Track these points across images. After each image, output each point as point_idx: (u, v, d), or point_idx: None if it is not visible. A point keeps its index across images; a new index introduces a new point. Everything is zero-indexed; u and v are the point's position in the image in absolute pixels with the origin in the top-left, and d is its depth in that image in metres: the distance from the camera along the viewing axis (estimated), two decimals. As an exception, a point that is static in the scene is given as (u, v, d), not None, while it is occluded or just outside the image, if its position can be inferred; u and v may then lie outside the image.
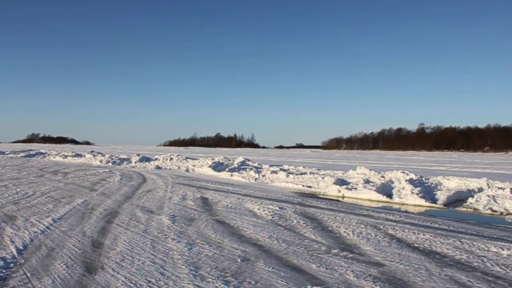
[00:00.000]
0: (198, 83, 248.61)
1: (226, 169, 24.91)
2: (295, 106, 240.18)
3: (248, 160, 29.66)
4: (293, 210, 11.00)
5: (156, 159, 34.25)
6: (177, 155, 34.34)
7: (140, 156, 34.54)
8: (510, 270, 5.96)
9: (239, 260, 6.11)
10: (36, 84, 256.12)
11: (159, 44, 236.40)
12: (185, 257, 6.21)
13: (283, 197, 13.79)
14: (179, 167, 27.91)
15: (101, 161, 33.98)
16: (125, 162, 32.47)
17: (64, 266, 5.72)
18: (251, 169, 24.77)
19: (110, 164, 32.10)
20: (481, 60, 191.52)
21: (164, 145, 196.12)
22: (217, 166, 26.31)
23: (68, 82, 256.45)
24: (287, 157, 58.72)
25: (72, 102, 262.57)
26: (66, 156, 42.17)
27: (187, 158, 33.69)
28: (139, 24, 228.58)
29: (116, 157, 35.51)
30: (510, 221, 10.67)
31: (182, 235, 7.74)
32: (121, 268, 5.65)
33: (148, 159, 33.82)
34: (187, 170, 25.78)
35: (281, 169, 24.54)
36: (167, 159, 32.58)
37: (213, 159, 29.66)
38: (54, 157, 42.45)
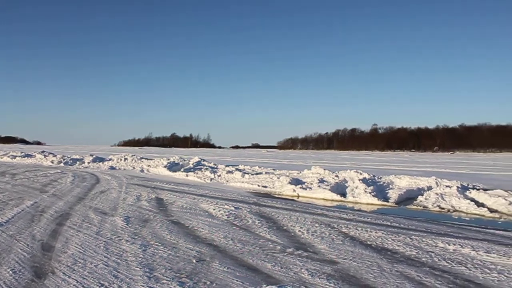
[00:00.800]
0: (153, 83, 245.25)
1: (182, 169, 24.72)
2: (251, 106, 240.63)
3: (204, 160, 29.53)
4: (248, 210, 11.04)
5: (110, 159, 33.57)
6: (132, 155, 33.80)
7: (94, 156, 33.79)
8: (455, 264, 6.20)
9: (194, 261, 6.09)
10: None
11: (113, 43, 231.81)
12: (140, 259, 6.13)
13: (239, 197, 13.81)
14: (134, 168, 27.49)
15: (52, 162, 33.03)
16: (77, 162, 31.69)
17: (10, 272, 5.52)
18: (206, 169, 24.67)
19: (62, 164, 31.25)
20: (430, 62, 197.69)
21: (118, 145, 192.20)
22: (173, 166, 26.07)
23: (16, 79, 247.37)
24: (243, 157, 58.80)
25: (21, 100, 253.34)
26: (14, 157, 40.68)
27: (142, 158, 33.21)
28: (86, 22, 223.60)
29: (68, 157, 34.57)
30: (456, 217, 11.09)
31: (137, 237, 7.63)
32: (73, 272, 5.51)
33: (102, 160, 33.13)
34: (142, 171, 25.42)
35: (236, 169, 24.57)
36: (121, 159, 32.01)
37: (168, 159, 29.35)
38: (1, 158, 40.89)
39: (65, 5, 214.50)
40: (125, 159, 32.18)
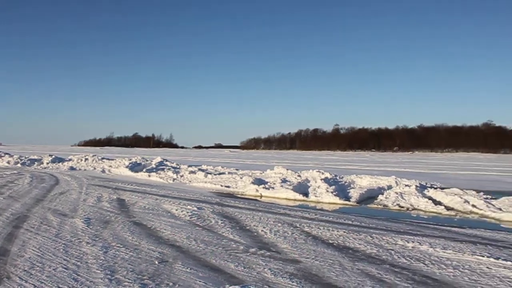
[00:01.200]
0: (115, 81, 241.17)
1: (144, 170, 24.44)
2: (214, 106, 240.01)
3: (166, 161, 29.28)
4: (211, 210, 11.02)
5: (70, 159, 32.84)
6: (93, 156, 33.15)
7: (53, 156, 32.93)
8: (414, 261, 6.37)
9: (156, 262, 6.03)
10: None
11: (77, 41, 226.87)
12: (100, 261, 6.03)
13: (202, 197, 13.76)
14: (95, 168, 26.98)
15: (8, 162, 31.98)
16: (36, 163, 30.80)
17: (-34, 276, 5.34)
18: (169, 169, 24.48)
19: (19, 165, 30.31)
20: (390, 64, 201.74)
21: (79, 145, 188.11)
22: (135, 167, 25.73)
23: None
24: (206, 157, 58.63)
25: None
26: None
27: (103, 158, 32.62)
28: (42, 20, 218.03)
29: (26, 157, 33.53)
30: (415, 215, 11.39)
31: (97, 238, 7.50)
32: (30, 276, 5.37)
33: (61, 160, 32.35)
34: (103, 171, 24.97)
35: (199, 169, 24.46)
36: (81, 160, 31.36)
37: (130, 160, 28.97)
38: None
39: None
40: (86, 159, 31.55)
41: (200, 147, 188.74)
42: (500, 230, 9.40)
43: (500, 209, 11.69)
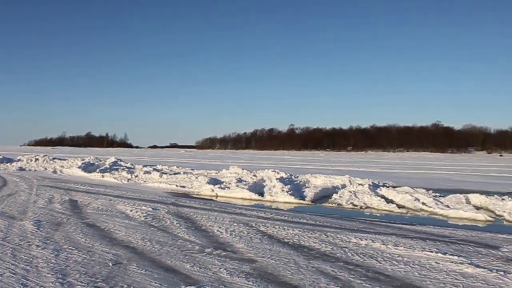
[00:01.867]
0: (66, 79, 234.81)
1: (97, 170, 23.91)
2: (170, 105, 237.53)
3: (121, 161, 28.76)
4: (166, 210, 10.92)
5: (19, 160, 31.72)
6: (43, 156, 32.18)
7: (1, 157, 31.75)
8: (367, 258, 6.52)
9: (110, 264, 5.92)
10: None
11: (25, 39, 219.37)
12: (52, 265, 5.86)
13: (157, 198, 13.61)
14: (46, 168, 26.19)
15: (-48, 163, 30.64)
16: (-19, 163, 29.61)
17: None
18: (123, 169, 24.07)
19: (-37, 166, 29.05)
20: (343, 65, 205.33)
21: (29, 145, 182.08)
22: (88, 167, 25.14)
23: None
24: (161, 157, 58.02)
25: None
26: None
27: (54, 158, 31.75)
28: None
29: (-30, 158, 32.22)
30: (368, 214, 11.66)
31: (48, 241, 7.29)
32: (-23, 280, 5.17)
33: (9, 160, 31.22)
34: (55, 172, 24.27)
35: (154, 169, 24.17)
36: (31, 160, 30.37)
37: (83, 160, 28.28)
38: None
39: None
40: (36, 159, 30.58)
41: (155, 147, 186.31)
42: (448, 226, 9.77)
43: (447, 206, 12.13)
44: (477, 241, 7.96)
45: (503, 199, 12.67)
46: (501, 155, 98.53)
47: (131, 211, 10.65)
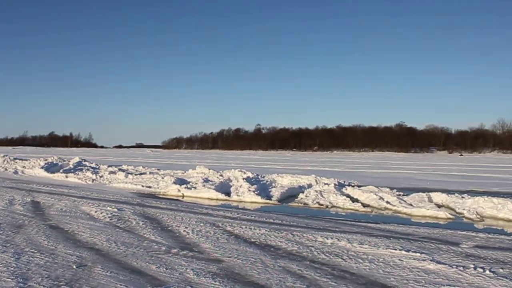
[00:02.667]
0: (29, 77, 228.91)
1: (61, 170, 23.40)
2: (135, 105, 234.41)
3: (85, 161, 28.21)
4: (132, 211, 10.79)
5: (-24, 160, 30.75)
6: (4, 156, 31.26)
7: (-43, 157, 30.71)
8: (333, 256, 6.61)
9: (74, 267, 5.81)
10: None
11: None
12: (12, 269, 5.69)
13: (122, 198, 13.43)
14: (6, 169, 25.46)
15: None
16: None
17: None
18: (88, 169, 23.62)
19: None
20: (309, 65, 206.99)
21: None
22: (51, 167, 24.56)
23: None
24: (127, 157, 57.29)
25: None
26: None
27: (15, 158, 30.87)
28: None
29: None
30: (334, 213, 11.82)
31: (9, 244, 7.09)
32: None
33: (-34, 161, 30.22)
34: (16, 172, 23.63)
35: (120, 170, 23.84)
36: (-10, 161, 29.47)
37: (46, 160, 27.57)
38: None
39: None
40: (-5, 160, 29.70)
41: (120, 146, 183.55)
42: (411, 224, 9.99)
43: (411, 204, 12.41)
44: (438, 238, 8.17)
45: (463, 197, 13.04)
46: (461, 155, 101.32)
47: (95, 212, 10.48)
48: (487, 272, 5.79)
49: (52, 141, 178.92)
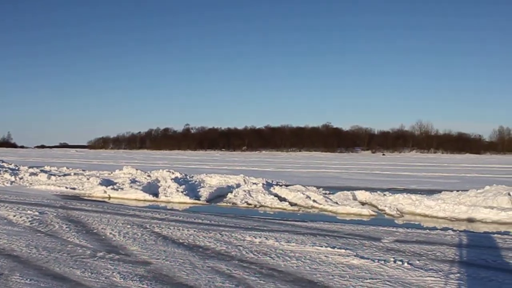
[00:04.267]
0: None
1: (-25, 173, 22.04)
2: (59, 103, 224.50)
3: (3, 161, 26.76)
4: (55, 214, 10.36)
5: None
6: None
7: None
8: (261, 255, 6.71)
9: (-10, 275, 5.50)
10: None
11: None
12: None
13: (44, 201, 12.87)
14: None
15: None
16: None
17: None
18: (6, 171, 22.41)
19: None
20: (239, 66, 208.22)
21: None
22: (-37, 170, 23.08)
23: None
24: (50, 158, 54.98)
25: None
26: None
27: None
28: None
29: None
30: (262, 212, 11.98)
31: None
32: None
33: None
34: None
35: (42, 171, 22.80)
36: None
37: (-43, 162, 25.92)
38: None
39: None
40: None
41: (43, 146, 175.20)
42: (337, 222, 10.33)
43: (336, 203, 12.82)
44: (362, 234, 8.51)
45: (384, 195, 13.65)
46: (383, 154, 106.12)
47: (14, 216, 9.94)
48: (405, 264, 6.13)
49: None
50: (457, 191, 13.42)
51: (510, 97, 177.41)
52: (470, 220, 10.79)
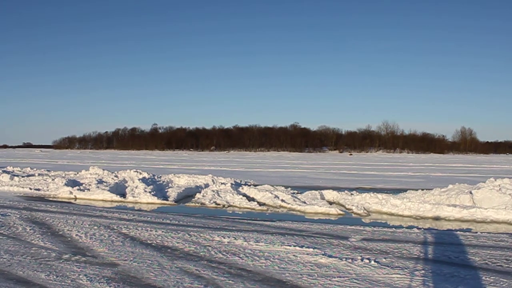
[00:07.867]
0: None
1: None
2: (22, 102, 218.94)
3: (-38, 162, 25.99)
4: (18, 216, 10.11)
5: None
6: None
7: None
8: (230, 255, 6.71)
9: (-50, 279, 5.34)
10: None
11: None
12: None
13: (6, 202, 12.55)
14: None
15: None
16: None
17: None
18: (-34, 172, 21.75)
19: None
20: (205, 66, 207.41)
21: None
22: None
23: None
24: (12, 158, 53.67)
25: None
26: None
27: None
28: None
29: None
30: (230, 212, 11.98)
31: None
32: None
33: None
34: None
35: (4, 171, 22.19)
36: None
37: None
38: None
39: None
40: None
41: (5, 146, 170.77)
42: (305, 221, 10.42)
43: (304, 202, 12.93)
44: (330, 233, 8.60)
45: (352, 194, 13.84)
46: (350, 154, 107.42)
47: (-25, 218, 9.68)
48: (372, 262, 6.24)
49: None
50: (422, 190, 13.79)
51: (472, 98, 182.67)
52: (435, 218, 11.06)
